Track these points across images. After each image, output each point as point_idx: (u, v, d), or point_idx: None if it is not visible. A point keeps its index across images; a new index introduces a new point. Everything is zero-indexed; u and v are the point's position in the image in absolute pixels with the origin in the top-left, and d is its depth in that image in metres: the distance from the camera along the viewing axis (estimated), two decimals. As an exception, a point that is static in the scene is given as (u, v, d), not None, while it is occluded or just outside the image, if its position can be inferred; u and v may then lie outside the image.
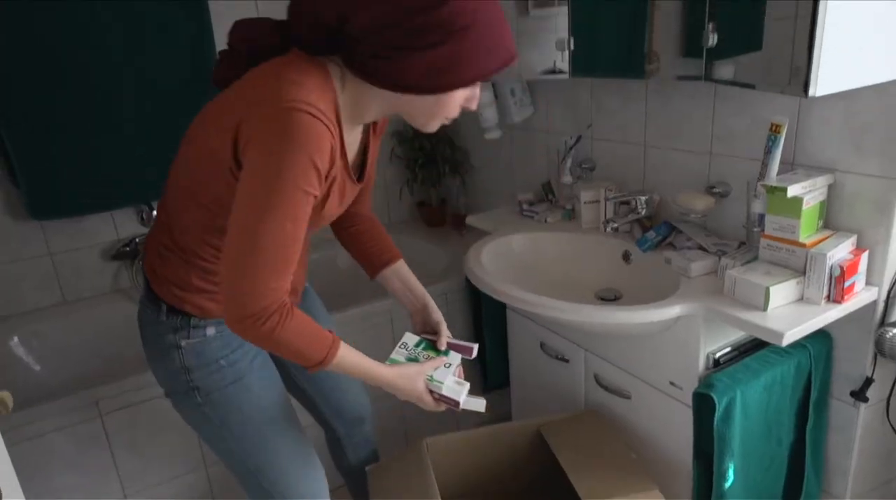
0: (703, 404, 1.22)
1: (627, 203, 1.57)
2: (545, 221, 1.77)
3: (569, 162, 1.76)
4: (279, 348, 0.92)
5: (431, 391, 1.09)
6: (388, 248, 1.25)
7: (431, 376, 1.10)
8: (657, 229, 1.49)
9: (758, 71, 1.14)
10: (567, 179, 1.78)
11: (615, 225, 1.52)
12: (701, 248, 1.39)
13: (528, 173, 2.06)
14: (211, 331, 1.05)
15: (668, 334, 1.31)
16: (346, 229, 1.26)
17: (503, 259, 1.64)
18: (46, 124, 1.80)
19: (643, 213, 1.54)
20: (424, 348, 1.16)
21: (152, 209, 2.06)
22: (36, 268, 1.97)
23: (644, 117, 1.59)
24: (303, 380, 1.31)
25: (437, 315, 1.22)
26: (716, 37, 1.20)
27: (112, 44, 1.83)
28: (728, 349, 1.30)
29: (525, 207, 1.86)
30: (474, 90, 0.93)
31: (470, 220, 1.93)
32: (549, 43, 1.65)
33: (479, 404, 1.11)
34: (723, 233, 1.45)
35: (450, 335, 1.19)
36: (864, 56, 1.00)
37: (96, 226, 2.03)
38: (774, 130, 1.21)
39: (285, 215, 0.84)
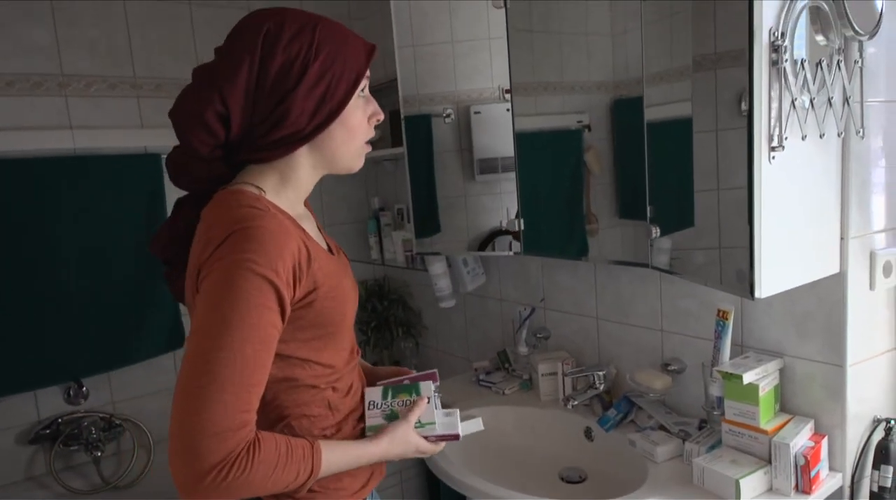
0: None
1: (586, 377, 1.57)
2: (503, 392, 1.73)
3: (524, 333, 1.76)
4: (254, 493, 0.77)
5: (426, 437, 0.99)
6: None
7: (420, 422, 0.99)
8: (617, 406, 1.48)
9: (705, 269, 1.20)
10: (523, 349, 1.77)
11: (575, 402, 1.50)
12: (662, 428, 1.37)
13: (483, 338, 2.05)
14: None
15: (640, 526, 1.24)
16: None
17: (463, 437, 1.57)
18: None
19: (601, 388, 1.53)
20: (394, 396, 1.02)
21: (81, 386, 1.91)
22: (-63, 458, 1.76)
23: (594, 292, 1.64)
24: None
25: (385, 369, 1.13)
26: (659, 230, 1.27)
27: (50, 212, 1.80)
28: (704, 542, 1.24)
29: (482, 376, 1.83)
30: (369, 104, 0.92)
31: (425, 390, 1.87)
32: (495, 206, 1.74)
33: (475, 425, 1.06)
34: (682, 410, 1.44)
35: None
36: (799, 259, 1.08)
37: (14, 405, 1.84)
38: (722, 316, 1.25)
39: (243, 338, 0.74)
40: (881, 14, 1.06)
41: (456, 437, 1.01)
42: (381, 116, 0.94)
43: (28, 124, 1.81)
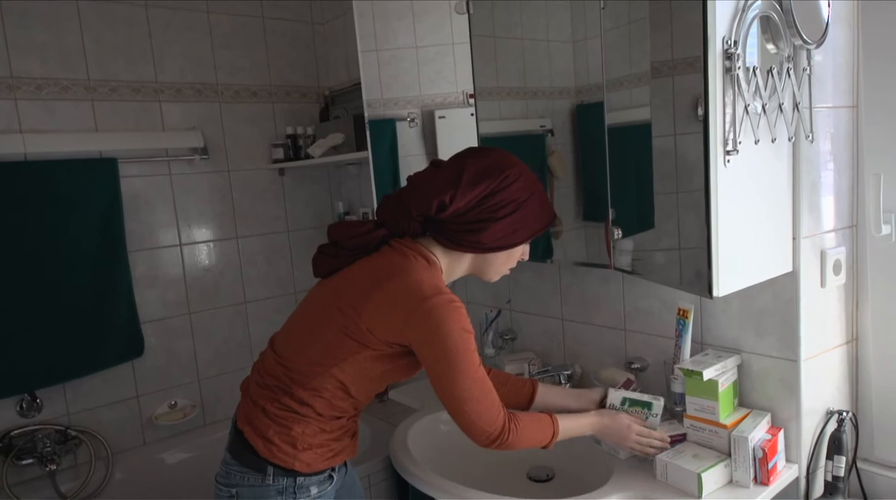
0: None
1: (552, 376, 1.59)
2: (470, 394, 1.74)
3: (490, 335, 1.78)
4: (526, 445, 1.13)
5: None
6: (519, 383, 1.39)
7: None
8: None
9: (665, 270, 1.23)
10: (490, 351, 1.78)
11: (541, 402, 1.52)
12: (627, 425, 1.40)
13: (450, 341, 2.05)
14: (314, 490, 1.15)
15: (606, 523, 1.27)
16: None
17: (431, 440, 1.57)
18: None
19: (567, 387, 1.55)
20: (631, 405, 1.29)
21: (35, 398, 1.85)
22: None
23: (559, 294, 1.66)
24: None
25: (603, 393, 1.36)
26: (621, 231, 1.30)
27: (5, 217, 1.74)
28: (667, 535, 1.27)
29: (449, 378, 1.83)
30: (526, 247, 1.19)
31: (393, 394, 1.87)
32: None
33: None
34: (645, 408, 1.47)
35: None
36: (754, 258, 1.12)
37: (-37, 421, 1.78)
38: (683, 314, 1.29)
39: (473, 369, 1.06)
40: (827, 24, 1.11)
41: (683, 437, 1.28)
42: (527, 257, 1.21)
43: (-25, 128, 1.75)
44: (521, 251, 1.18)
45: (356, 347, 1.08)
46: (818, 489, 1.27)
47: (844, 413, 1.26)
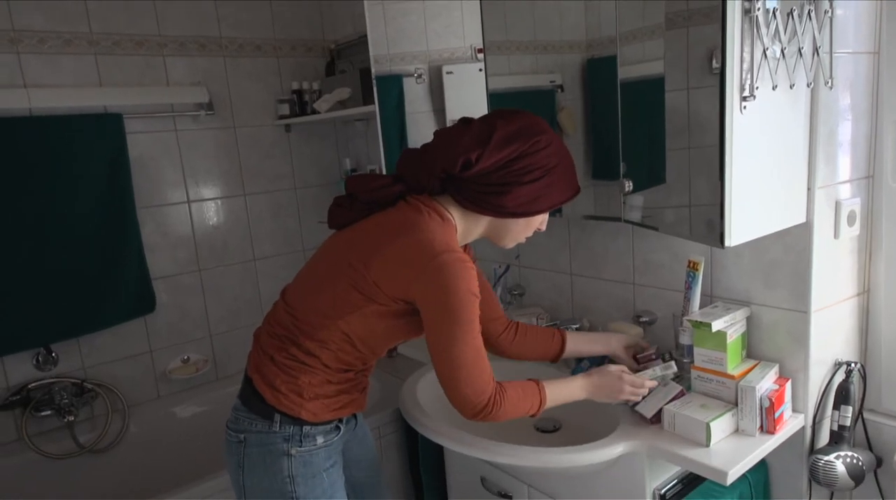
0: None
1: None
2: (479, 348, 1.75)
3: (499, 290, 1.78)
4: (511, 417, 1.11)
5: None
6: (548, 333, 1.41)
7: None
8: (590, 358, 1.51)
9: (678, 221, 1.22)
10: (498, 306, 1.79)
11: (550, 355, 1.53)
12: (635, 377, 1.41)
13: (458, 297, 2.06)
14: (320, 440, 1.16)
15: (613, 470, 1.29)
16: (504, 344, 1.40)
17: (439, 392, 1.55)
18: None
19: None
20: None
21: (50, 352, 1.88)
22: None
23: (568, 249, 1.66)
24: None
25: (628, 337, 1.39)
26: (631, 184, 1.29)
27: (9, 176, 1.74)
28: (674, 482, 1.29)
29: (457, 333, 1.85)
30: (545, 215, 1.17)
31: (402, 349, 1.89)
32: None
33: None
34: (653, 360, 1.48)
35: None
36: (767, 208, 1.10)
37: (-19, 374, 1.81)
38: (693, 266, 1.28)
39: (472, 335, 1.05)
40: (851, -37, 1.07)
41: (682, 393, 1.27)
42: (545, 228, 1.21)
43: (-22, 82, 1.73)
44: (540, 220, 1.17)
45: (362, 300, 1.08)
46: (823, 438, 1.29)
47: (853, 364, 1.26)
